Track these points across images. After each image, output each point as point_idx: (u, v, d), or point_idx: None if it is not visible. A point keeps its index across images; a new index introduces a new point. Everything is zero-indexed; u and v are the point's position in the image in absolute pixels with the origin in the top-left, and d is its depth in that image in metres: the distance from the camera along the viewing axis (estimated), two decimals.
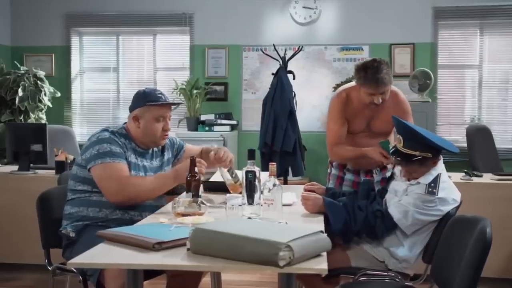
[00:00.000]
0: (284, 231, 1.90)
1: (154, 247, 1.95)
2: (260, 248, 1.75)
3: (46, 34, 6.79)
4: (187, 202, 2.68)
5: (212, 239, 1.85)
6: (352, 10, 6.35)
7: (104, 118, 6.90)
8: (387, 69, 3.23)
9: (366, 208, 2.79)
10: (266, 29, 6.46)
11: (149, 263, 1.88)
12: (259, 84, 6.47)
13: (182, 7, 6.55)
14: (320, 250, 1.89)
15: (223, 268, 1.80)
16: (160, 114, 2.97)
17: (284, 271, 1.75)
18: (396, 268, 2.84)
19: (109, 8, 6.70)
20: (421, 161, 2.74)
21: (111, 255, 1.95)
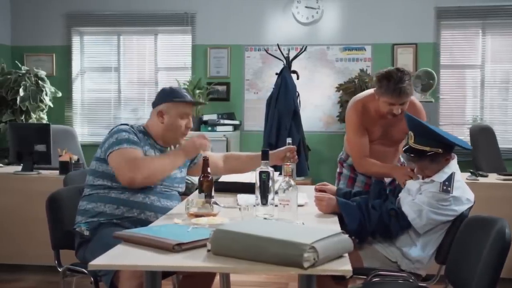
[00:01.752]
0: (307, 232, 1.88)
1: (174, 249, 1.93)
2: (284, 250, 1.73)
3: (47, 33, 6.75)
4: (200, 203, 2.66)
5: (234, 240, 1.83)
6: (355, 10, 6.34)
7: (105, 118, 6.87)
8: (409, 80, 3.16)
9: (380, 207, 2.78)
10: (269, 29, 6.45)
11: (170, 265, 1.86)
12: (262, 84, 6.45)
13: (184, 7, 6.53)
14: (342, 251, 1.88)
15: (246, 269, 1.78)
16: (184, 111, 2.99)
17: (308, 272, 1.73)
18: (409, 269, 2.82)
19: (110, 8, 6.67)
20: (432, 157, 2.74)
21: (131, 256, 1.93)
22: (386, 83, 3.12)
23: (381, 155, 3.40)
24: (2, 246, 4.54)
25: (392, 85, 3.10)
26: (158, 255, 1.93)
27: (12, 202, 4.51)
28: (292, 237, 1.77)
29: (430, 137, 2.74)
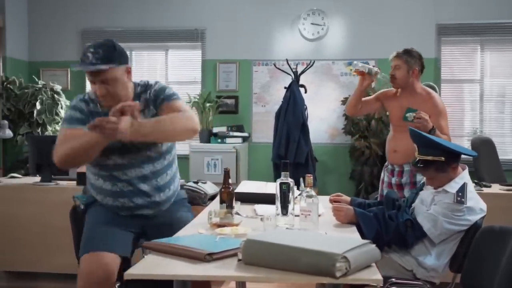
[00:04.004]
0: (337, 242, 1.86)
1: (205, 258, 1.90)
2: (316, 259, 1.71)
3: (62, 49, 6.75)
4: (222, 213, 2.64)
5: (266, 250, 1.81)
6: (359, 26, 6.36)
7: None
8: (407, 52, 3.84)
9: (396, 217, 2.76)
10: (276, 44, 6.45)
11: (203, 274, 1.83)
12: (269, 97, 6.44)
13: (194, 23, 6.54)
14: (370, 260, 1.85)
15: (279, 279, 1.75)
16: (89, 78, 2.59)
17: (340, 281, 1.71)
18: (424, 277, 2.80)
19: (122, 25, 6.68)
20: (437, 167, 2.74)
21: (164, 266, 1.90)
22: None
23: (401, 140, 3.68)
24: (21, 255, 4.50)
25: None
26: (190, 264, 1.90)
27: (31, 212, 4.48)
28: (323, 247, 1.74)
29: (431, 146, 2.76)
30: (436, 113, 3.68)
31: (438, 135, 3.57)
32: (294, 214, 2.60)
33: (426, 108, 3.64)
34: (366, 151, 5.83)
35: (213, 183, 5.03)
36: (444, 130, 3.68)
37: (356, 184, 6.00)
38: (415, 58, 3.81)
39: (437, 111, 3.71)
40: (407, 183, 3.71)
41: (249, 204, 3.11)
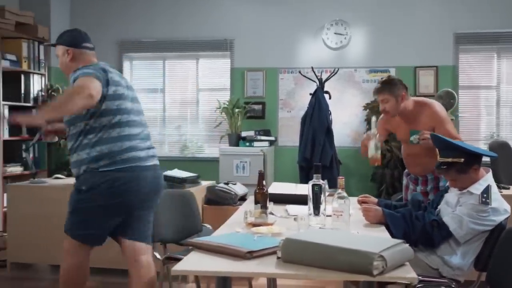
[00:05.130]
0: (373, 242, 1.84)
1: (246, 256, 1.90)
2: (353, 258, 1.69)
3: (101, 59, 6.64)
4: (257, 213, 2.64)
5: (304, 249, 1.80)
6: (380, 36, 6.30)
7: (152, 134, 6.81)
8: (387, 84, 3.57)
9: (423, 218, 2.73)
10: (300, 53, 6.43)
11: (245, 271, 1.83)
12: (294, 103, 6.42)
13: (224, 34, 6.55)
14: (404, 259, 1.83)
15: (317, 276, 1.74)
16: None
17: (377, 279, 1.68)
18: (449, 275, 2.76)
19: (156, 36, 6.73)
20: (458, 168, 2.72)
21: (207, 263, 1.90)
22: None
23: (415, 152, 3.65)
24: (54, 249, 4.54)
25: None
26: (231, 261, 1.90)
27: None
28: (360, 246, 1.72)
29: (450, 148, 2.75)
30: (438, 119, 3.54)
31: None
32: (326, 214, 2.59)
33: (426, 118, 3.56)
34: (387, 154, 5.77)
35: (242, 184, 5.04)
36: (451, 133, 3.48)
37: (377, 186, 5.94)
38: (397, 85, 3.58)
39: (438, 117, 3.55)
40: (432, 189, 3.62)
41: (280, 205, 3.10)
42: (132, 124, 2.90)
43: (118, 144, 2.82)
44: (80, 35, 3.16)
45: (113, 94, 2.81)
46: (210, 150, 6.68)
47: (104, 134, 2.82)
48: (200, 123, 6.78)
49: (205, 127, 6.75)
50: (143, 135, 2.95)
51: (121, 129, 2.84)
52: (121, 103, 2.85)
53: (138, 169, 2.84)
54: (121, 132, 2.84)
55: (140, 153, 2.87)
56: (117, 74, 2.96)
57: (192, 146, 6.79)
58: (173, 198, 3.46)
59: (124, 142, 2.84)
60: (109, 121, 2.82)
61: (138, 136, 2.91)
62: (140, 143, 2.90)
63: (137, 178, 2.84)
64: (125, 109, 2.87)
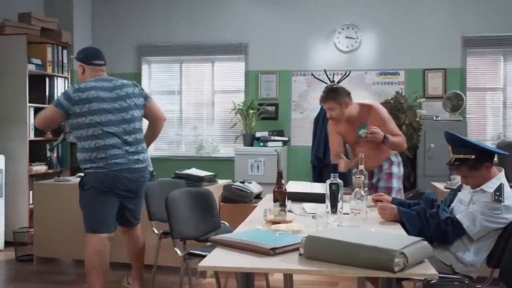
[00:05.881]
0: (393, 239, 1.82)
1: (269, 252, 1.89)
2: (375, 255, 1.68)
3: (121, 62, 6.85)
4: (276, 211, 2.63)
5: (327, 246, 1.78)
6: (390, 39, 6.27)
7: (170, 134, 6.91)
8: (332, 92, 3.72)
9: (438, 215, 2.70)
10: (313, 56, 6.42)
11: (269, 267, 1.82)
12: (307, 105, 6.41)
13: (238, 38, 6.55)
14: (424, 256, 1.81)
15: (339, 273, 1.72)
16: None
17: (397, 276, 1.67)
18: (462, 272, 2.73)
19: (173, 40, 6.74)
20: (469, 165, 2.70)
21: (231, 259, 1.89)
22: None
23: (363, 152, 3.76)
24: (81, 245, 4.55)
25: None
26: (255, 258, 1.89)
27: None
28: (381, 244, 1.71)
29: (462, 144, 2.73)
30: (382, 120, 3.70)
31: (391, 140, 3.66)
32: (343, 212, 2.58)
33: (371, 119, 3.70)
34: None
35: (257, 183, 5.03)
36: (394, 131, 3.72)
37: None
38: (340, 93, 3.73)
39: (382, 118, 3.71)
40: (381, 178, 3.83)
41: (297, 203, 3.09)
42: (108, 135, 3.36)
43: (94, 153, 3.35)
44: (92, 53, 3.65)
45: (86, 111, 3.33)
46: (225, 150, 6.68)
47: (85, 144, 3.37)
48: (215, 124, 6.79)
49: (220, 127, 6.75)
50: (125, 143, 3.41)
51: (97, 141, 3.35)
52: (95, 118, 3.34)
53: (115, 172, 3.36)
54: (97, 144, 3.35)
55: (116, 160, 3.36)
56: (105, 89, 3.42)
57: (208, 146, 6.79)
58: (193, 196, 3.45)
59: (100, 151, 3.35)
60: (86, 133, 3.36)
61: (115, 145, 3.37)
62: (118, 152, 3.38)
63: (115, 178, 3.37)
64: (101, 122, 3.35)
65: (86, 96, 3.35)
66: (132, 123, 3.44)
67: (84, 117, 3.33)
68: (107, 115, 3.37)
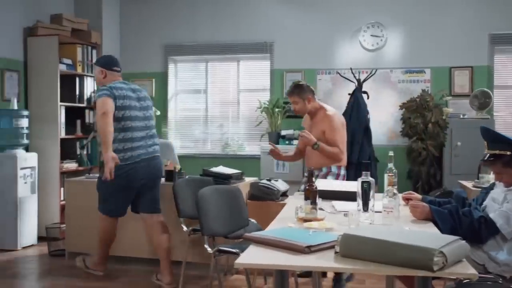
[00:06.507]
0: (431, 238, 1.79)
1: (304, 250, 1.87)
2: (413, 254, 1.65)
3: (148, 62, 6.90)
4: (307, 209, 2.61)
5: (363, 244, 1.76)
6: (415, 37, 6.18)
7: (196, 133, 6.94)
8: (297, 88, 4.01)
9: (470, 214, 2.64)
10: (338, 55, 6.36)
11: (306, 265, 1.80)
12: (332, 103, 6.26)
13: (264, 37, 6.54)
14: (462, 256, 1.77)
15: (376, 271, 1.70)
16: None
17: (436, 275, 1.64)
18: (495, 271, 2.66)
19: (199, 39, 6.76)
20: (504, 162, 2.63)
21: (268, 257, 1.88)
22: None
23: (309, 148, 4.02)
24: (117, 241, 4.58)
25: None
26: (290, 256, 1.87)
27: None
28: (420, 242, 1.68)
29: (497, 140, 2.69)
30: (331, 128, 3.92)
31: (323, 147, 3.88)
32: (374, 210, 2.54)
33: (324, 124, 3.94)
34: (423, 152, 5.66)
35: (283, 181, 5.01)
36: (336, 143, 3.93)
37: (413, 183, 5.83)
38: (304, 89, 4.02)
39: (332, 126, 3.93)
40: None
41: (326, 201, 3.06)
42: (135, 129, 3.84)
43: (122, 144, 3.77)
44: (112, 60, 4.07)
45: (120, 106, 3.76)
46: (251, 148, 6.67)
47: (115, 136, 3.72)
48: (240, 122, 6.79)
49: (245, 126, 6.75)
50: (146, 137, 3.91)
51: (126, 134, 3.79)
52: (126, 112, 3.79)
53: (137, 163, 3.81)
54: (125, 136, 3.79)
55: (139, 151, 3.83)
56: (129, 89, 3.90)
57: (234, 144, 6.79)
58: (222, 193, 3.45)
59: (127, 143, 3.78)
60: (117, 126, 3.73)
61: (140, 139, 3.86)
62: (141, 144, 3.86)
63: (135, 169, 3.80)
64: (130, 117, 3.81)
65: (120, 93, 3.80)
66: (150, 120, 4.02)
67: (120, 111, 3.76)
68: (135, 111, 3.88)
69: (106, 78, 3.95)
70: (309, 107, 4.04)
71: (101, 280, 4.20)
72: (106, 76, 3.96)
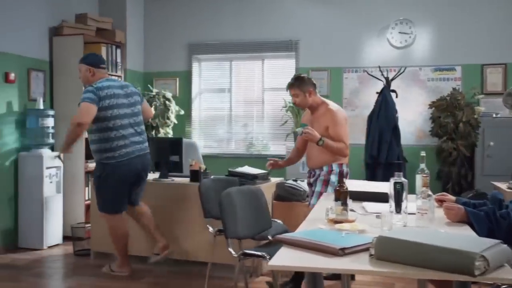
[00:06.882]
0: (471, 241, 1.75)
1: (338, 253, 1.85)
2: (453, 257, 1.61)
3: (172, 61, 6.94)
4: (338, 210, 2.58)
5: (400, 247, 1.72)
6: (445, 34, 6.07)
7: (219, 132, 6.95)
8: (297, 80, 3.96)
9: (509, 216, 2.58)
10: (365, 52, 6.30)
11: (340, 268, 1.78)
12: (358, 102, 6.30)
13: (289, 35, 6.51)
14: (504, 260, 1.72)
15: (414, 275, 1.67)
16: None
17: (478, 280, 1.59)
18: None
19: (223, 38, 6.76)
20: None
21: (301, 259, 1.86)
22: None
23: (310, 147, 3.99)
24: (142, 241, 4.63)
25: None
26: (324, 258, 1.85)
27: (150, 204, 4.59)
28: (460, 246, 1.64)
29: None
30: (334, 123, 3.85)
31: (327, 143, 3.80)
32: (407, 212, 2.50)
33: (326, 119, 3.87)
34: (454, 152, 5.56)
35: None
36: (341, 138, 3.86)
37: (442, 184, 5.73)
38: (305, 82, 3.95)
39: (335, 121, 3.85)
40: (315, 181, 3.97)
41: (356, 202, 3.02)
42: (125, 126, 4.04)
43: (115, 143, 3.99)
44: (99, 58, 4.25)
45: (107, 106, 3.95)
46: (275, 147, 6.65)
47: (105, 135, 3.98)
48: (265, 122, 6.77)
49: (270, 125, 6.73)
50: (136, 133, 4.12)
51: (117, 132, 4.00)
52: (115, 111, 3.99)
53: (131, 159, 4.06)
54: (117, 134, 4.00)
55: (133, 147, 4.07)
56: (117, 87, 4.08)
57: (258, 144, 6.79)
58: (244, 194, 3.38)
59: (119, 141, 4.01)
60: (106, 125, 3.96)
61: (131, 135, 4.08)
62: (133, 139, 4.09)
63: (130, 164, 4.06)
64: (119, 115, 4.01)
65: (106, 93, 3.97)
66: (139, 116, 4.18)
67: (107, 111, 3.96)
68: (124, 109, 4.06)
69: (94, 76, 4.11)
70: (310, 100, 3.96)
71: (126, 280, 4.24)
72: (94, 74, 4.12)
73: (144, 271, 4.47)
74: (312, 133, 3.79)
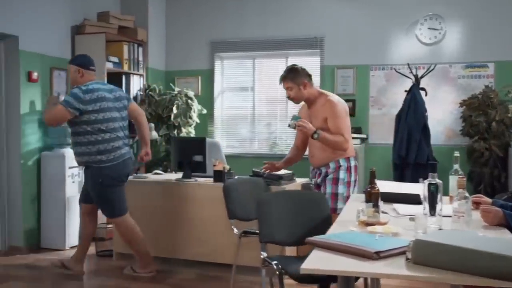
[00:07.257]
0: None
1: (373, 256, 1.81)
2: (497, 263, 1.56)
3: (194, 59, 6.95)
4: (370, 212, 2.53)
5: (439, 251, 1.68)
6: (477, 29, 5.95)
7: (242, 132, 6.94)
8: (290, 72, 3.81)
9: None
10: (392, 49, 6.22)
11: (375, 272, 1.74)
12: (386, 100, 6.22)
13: (314, 32, 6.46)
14: None
15: (455, 280, 1.62)
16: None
17: None
18: None
19: (246, 35, 6.75)
20: None
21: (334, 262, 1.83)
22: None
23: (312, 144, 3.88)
24: (165, 242, 4.66)
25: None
26: (357, 261, 1.82)
27: (173, 205, 4.63)
28: (502, 250, 1.59)
29: None
30: (334, 115, 3.70)
31: (324, 136, 3.66)
32: (442, 214, 2.45)
33: (325, 110, 3.72)
34: (486, 152, 5.45)
35: None
36: (341, 130, 3.71)
37: (474, 185, 5.62)
38: (299, 73, 3.79)
39: (334, 112, 3.70)
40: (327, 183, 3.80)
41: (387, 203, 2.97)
42: (117, 129, 4.11)
43: (111, 144, 4.06)
44: (89, 59, 4.25)
45: (97, 109, 4.00)
46: None
47: (98, 137, 4.03)
48: (289, 121, 6.71)
49: None
50: (124, 137, 4.20)
51: (111, 134, 4.07)
52: (107, 114, 4.05)
53: (125, 160, 4.16)
54: (111, 136, 4.07)
55: (125, 149, 4.18)
56: (106, 90, 4.14)
57: (282, 143, 6.75)
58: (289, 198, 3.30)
59: (114, 142, 4.08)
60: (99, 127, 4.02)
61: (123, 137, 4.16)
62: (124, 142, 4.17)
63: (124, 165, 4.16)
64: (111, 118, 4.07)
65: (96, 96, 4.03)
66: (126, 121, 4.24)
67: (97, 114, 4.01)
68: (114, 112, 4.11)
69: (83, 78, 4.14)
70: (306, 93, 3.80)
71: (148, 281, 4.25)
72: (83, 76, 4.15)
73: (166, 272, 4.48)
74: (306, 126, 3.65)
